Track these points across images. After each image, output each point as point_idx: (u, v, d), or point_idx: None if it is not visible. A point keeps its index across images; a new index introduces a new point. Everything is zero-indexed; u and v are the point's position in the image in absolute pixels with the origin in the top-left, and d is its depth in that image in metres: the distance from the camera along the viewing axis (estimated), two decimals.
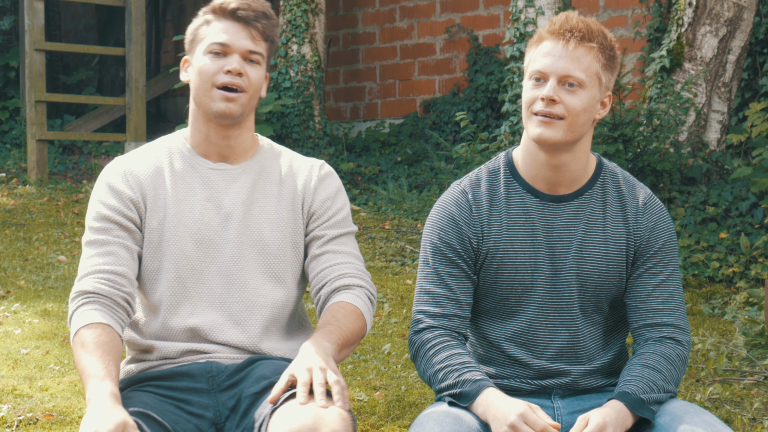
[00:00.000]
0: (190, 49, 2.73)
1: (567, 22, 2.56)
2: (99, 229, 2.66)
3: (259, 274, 2.68)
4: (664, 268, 2.65)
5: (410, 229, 7.66)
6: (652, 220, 2.66)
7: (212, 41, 2.66)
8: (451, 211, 2.67)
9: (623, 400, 2.48)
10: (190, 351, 2.65)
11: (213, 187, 2.71)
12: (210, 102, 2.66)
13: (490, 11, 10.39)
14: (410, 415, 4.00)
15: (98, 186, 2.73)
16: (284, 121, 9.81)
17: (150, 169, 2.72)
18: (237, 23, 2.67)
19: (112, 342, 2.51)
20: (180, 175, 2.71)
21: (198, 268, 2.66)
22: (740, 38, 7.21)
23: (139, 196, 2.69)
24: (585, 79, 2.54)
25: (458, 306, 2.64)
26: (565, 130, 2.55)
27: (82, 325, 2.53)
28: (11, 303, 5.65)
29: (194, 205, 2.69)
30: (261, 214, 2.71)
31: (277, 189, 2.74)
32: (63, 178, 9.66)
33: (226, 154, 2.73)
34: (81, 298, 2.59)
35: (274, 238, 2.70)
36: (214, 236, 2.68)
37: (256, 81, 2.68)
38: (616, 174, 2.70)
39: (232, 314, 2.66)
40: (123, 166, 2.73)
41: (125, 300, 2.61)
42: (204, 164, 2.72)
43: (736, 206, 6.70)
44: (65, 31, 13.42)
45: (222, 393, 2.60)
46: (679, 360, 2.59)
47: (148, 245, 2.68)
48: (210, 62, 2.65)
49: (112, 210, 2.67)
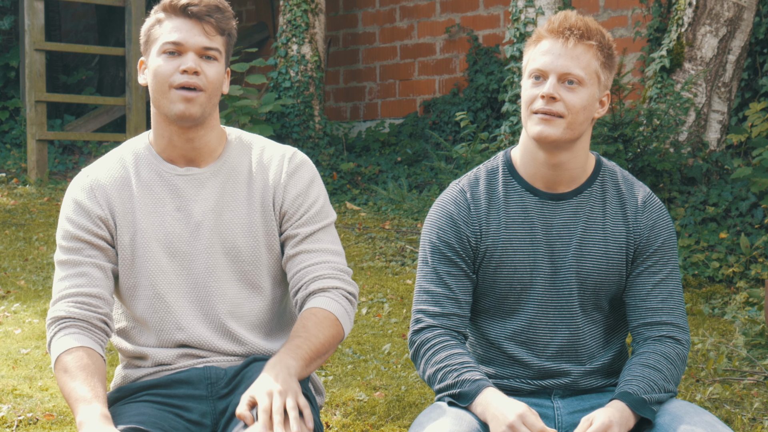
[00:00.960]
0: (145, 51, 2.63)
1: (566, 21, 2.57)
2: (69, 248, 2.60)
3: (235, 283, 2.63)
4: (664, 266, 2.65)
5: (410, 229, 7.66)
6: (651, 218, 2.66)
7: (165, 41, 2.56)
8: (450, 210, 2.67)
9: (625, 400, 2.48)
10: (185, 355, 2.62)
11: (181, 195, 2.63)
12: (169, 104, 2.56)
13: (490, 11, 10.39)
14: (410, 415, 3.99)
15: (66, 202, 2.66)
16: (284, 121, 9.80)
17: (117, 182, 2.64)
18: (189, 20, 2.57)
19: (95, 363, 2.48)
20: (147, 184, 2.63)
21: (175, 282, 2.61)
22: (740, 38, 7.21)
23: (108, 213, 2.62)
24: (585, 76, 2.55)
25: (458, 305, 2.65)
26: (565, 128, 2.55)
27: (61, 351, 2.49)
28: (11, 303, 5.66)
29: (164, 216, 2.62)
30: (232, 219, 2.63)
31: (247, 190, 2.66)
32: (63, 178, 9.66)
33: (192, 157, 2.64)
34: (56, 325, 2.54)
35: (247, 244, 2.63)
36: (186, 248, 2.61)
37: (215, 78, 2.57)
38: (615, 173, 2.70)
39: (217, 326, 2.62)
40: (89, 180, 2.64)
41: (102, 321, 2.57)
42: (170, 171, 2.64)
43: (736, 206, 6.70)
44: (65, 31, 13.41)
45: (219, 401, 2.57)
46: (678, 359, 2.59)
47: (123, 262, 2.62)
48: (164, 63, 2.55)
49: (81, 229, 2.60)
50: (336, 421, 3.94)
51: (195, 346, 2.61)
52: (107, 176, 2.65)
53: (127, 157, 2.67)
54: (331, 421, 3.91)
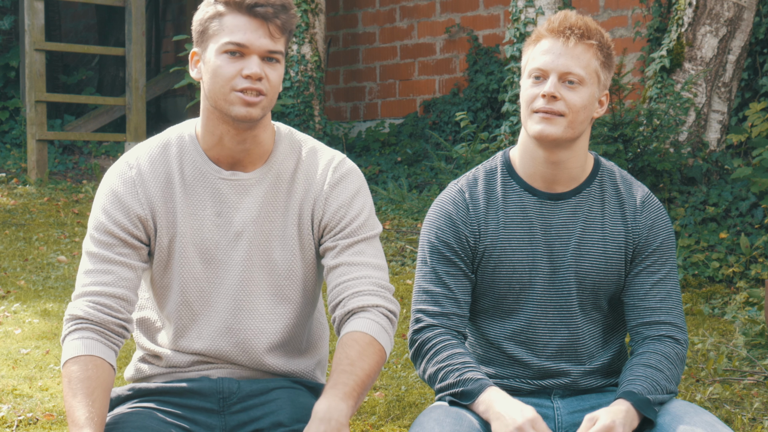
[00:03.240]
0: (200, 43, 2.46)
1: (566, 20, 2.57)
2: (101, 242, 2.48)
3: (267, 297, 2.53)
4: (662, 266, 2.65)
5: (410, 229, 7.66)
6: (650, 218, 2.66)
7: (228, 40, 2.39)
8: (448, 210, 2.67)
9: (630, 400, 2.47)
10: (199, 362, 2.56)
11: (224, 200, 2.51)
12: (228, 106, 2.42)
13: (490, 11, 10.39)
14: (410, 415, 4.00)
15: (104, 191, 2.52)
16: (284, 121, 9.81)
17: (161, 178, 2.51)
18: (255, 19, 2.40)
19: (100, 376, 2.38)
20: (190, 185, 2.51)
21: (206, 290, 2.52)
22: (740, 38, 7.21)
23: (149, 214, 2.50)
24: (585, 76, 2.56)
25: (457, 304, 2.64)
26: (566, 126, 2.56)
27: (69, 357, 2.40)
28: (11, 303, 5.65)
29: (204, 221, 2.51)
30: (271, 230, 2.52)
31: (285, 199, 2.53)
32: (63, 178, 9.65)
33: (240, 159, 2.51)
34: (72, 324, 2.44)
35: (284, 258, 2.53)
36: (222, 256, 2.51)
37: (277, 81, 2.43)
38: (614, 173, 2.71)
39: (239, 341, 2.53)
40: (133, 173, 2.51)
41: (120, 326, 2.46)
42: (215, 173, 2.51)
43: (736, 206, 6.70)
44: (65, 31, 13.41)
45: (231, 416, 2.51)
46: (678, 359, 2.60)
47: (158, 262, 2.53)
48: (226, 64, 2.40)
49: (117, 225, 2.48)
50: None
51: (211, 356, 2.55)
52: (151, 171, 2.51)
53: (172, 149, 2.53)
54: None
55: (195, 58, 2.49)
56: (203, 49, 2.45)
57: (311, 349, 2.67)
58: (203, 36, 2.45)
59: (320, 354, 2.71)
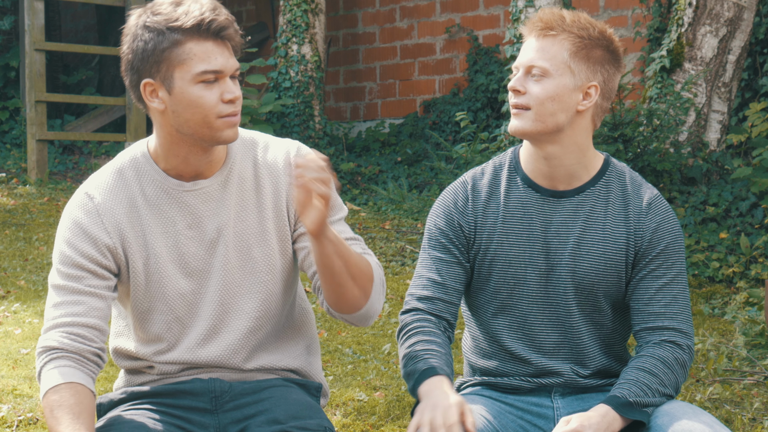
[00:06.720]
0: (156, 73, 2.41)
1: (538, 17, 2.60)
2: (68, 275, 2.44)
3: (251, 295, 2.55)
4: (668, 270, 2.61)
5: (410, 229, 7.66)
6: (655, 221, 2.63)
7: (205, 69, 2.37)
8: (448, 199, 2.71)
9: (611, 404, 2.47)
10: (189, 368, 2.57)
11: (192, 212, 2.50)
12: (214, 133, 2.41)
13: (490, 11, 10.39)
14: (410, 415, 3.99)
15: (67, 224, 2.49)
16: (284, 121, 9.81)
17: (124, 205, 2.48)
18: (219, 42, 2.40)
19: (81, 402, 2.35)
20: (156, 204, 2.49)
21: (193, 302, 2.53)
22: (740, 38, 7.21)
23: (117, 242, 2.47)
24: (549, 67, 2.55)
25: (444, 290, 2.66)
26: (534, 120, 2.56)
27: (48, 387, 2.37)
28: (11, 303, 5.66)
29: (178, 236, 2.50)
30: (245, 230, 2.53)
31: (256, 197, 2.55)
32: (63, 178, 9.66)
33: (202, 171, 2.51)
34: (46, 355, 2.41)
35: (263, 255, 2.54)
36: (203, 266, 2.51)
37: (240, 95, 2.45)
38: (624, 174, 2.68)
39: (229, 345, 2.55)
40: (94, 203, 2.48)
41: (94, 354, 2.43)
42: (177, 187, 2.50)
43: (736, 206, 6.70)
44: (65, 31, 13.42)
45: (225, 414, 2.52)
46: (677, 364, 2.56)
47: (136, 288, 2.50)
48: (206, 93, 2.38)
49: (84, 257, 2.44)
50: (336, 421, 3.95)
51: (203, 365, 2.56)
52: (112, 198, 2.49)
53: (128, 173, 2.51)
54: (332, 421, 3.91)
55: (149, 89, 2.44)
56: (164, 79, 2.41)
57: (297, 334, 2.69)
58: (161, 66, 2.40)
59: (308, 337, 2.72)
